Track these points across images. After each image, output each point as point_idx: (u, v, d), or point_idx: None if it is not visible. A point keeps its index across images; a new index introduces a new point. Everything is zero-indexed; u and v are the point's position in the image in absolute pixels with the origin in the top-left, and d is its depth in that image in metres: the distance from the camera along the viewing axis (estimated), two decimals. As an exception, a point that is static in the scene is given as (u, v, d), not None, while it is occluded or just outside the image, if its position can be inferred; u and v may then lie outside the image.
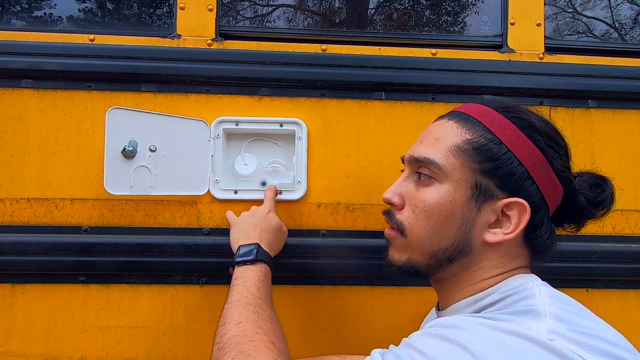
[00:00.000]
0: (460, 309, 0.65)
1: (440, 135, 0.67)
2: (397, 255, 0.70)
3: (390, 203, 0.70)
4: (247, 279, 0.80)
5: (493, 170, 0.62)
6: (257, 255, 0.85)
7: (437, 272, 0.67)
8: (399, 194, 0.69)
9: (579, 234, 1.05)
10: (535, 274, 0.66)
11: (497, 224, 0.63)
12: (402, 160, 0.73)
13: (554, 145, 0.64)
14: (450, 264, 0.66)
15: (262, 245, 0.87)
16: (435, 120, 0.72)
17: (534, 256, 0.67)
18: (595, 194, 0.67)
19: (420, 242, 0.66)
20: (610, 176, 0.70)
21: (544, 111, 1.08)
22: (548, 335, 0.50)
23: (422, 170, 0.67)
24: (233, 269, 0.85)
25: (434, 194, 0.65)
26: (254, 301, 0.75)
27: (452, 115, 0.69)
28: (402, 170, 0.73)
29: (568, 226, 0.72)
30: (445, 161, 0.64)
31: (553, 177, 0.64)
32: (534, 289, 0.59)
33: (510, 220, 0.62)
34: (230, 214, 0.98)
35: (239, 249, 0.87)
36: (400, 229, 0.68)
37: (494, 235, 0.63)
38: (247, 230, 0.90)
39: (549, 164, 0.63)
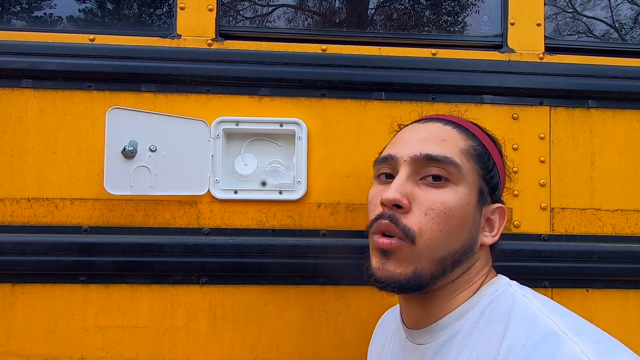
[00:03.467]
0: (444, 327, 0.64)
1: (445, 137, 0.66)
2: (399, 269, 0.62)
3: (396, 205, 0.62)
4: None
5: (490, 178, 0.67)
6: None
7: (436, 282, 0.63)
8: (406, 196, 0.62)
9: (579, 233, 1.07)
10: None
11: (483, 227, 0.68)
12: (387, 160, 0.68)
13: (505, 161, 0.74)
14: (452, 270, 0.64)
15: None
16: (420, 122, 0.71)
17: (492, 253, 0.72)
18: None
19: (432, 247, 0.61)
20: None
21: (544, 111, 1.09)
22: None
23: (433, 171, 0.63)
24: None
25: (453, 196, 0.62)
26: None
27: (443, 121, 0.69)
28: (382, 174, 0.69)
29: None
30: (462, 163, 0.64)
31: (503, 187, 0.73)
32: (517, 296, 0.62)
33: (493, 224, 0.68)
34: None
35: None
36: (408, 236, 0.61)
37: (486, 238, 0.67)
38: None
39: (505, 176, 0.73)
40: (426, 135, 0.67)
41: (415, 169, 0.64)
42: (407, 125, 0.74)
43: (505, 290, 0.64)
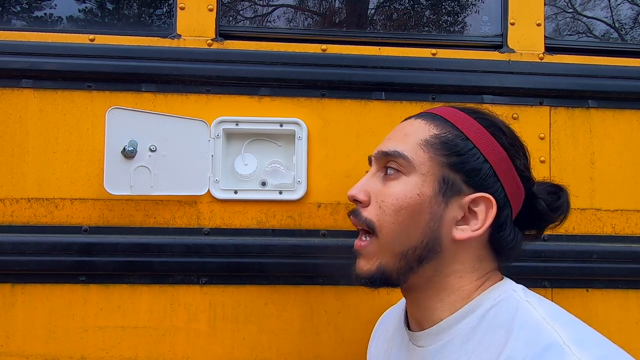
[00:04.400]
0: (443, 330, 0.63)
1: (408, 131, 0.67)
2: (367, 266, 0.67)
3: (355, 200, 0.68)
4: None
5: (460, 165, 0.63)
6: None
7: (408, 277, 0.64)
8: (365, 191, 0.67)
9: (579, 233, 1.07)
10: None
11: (464, 220, 0.63)
12: (369, 160, 0.72)
13: (515, 145, 0.67)
14: (421, 266, 0.63)
15: None
16: (403, 121, 0.72)
17: (499, 258, 0.67)
18: (552, 199, 0.70)
19: (390, 240, 0.64)
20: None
21: (544, 111, 1.09)
22: None
23: (390, 165, 0.66)
24: None
25: (402, 187, 0.63)
26: None
27: (420, 115, 0.70)
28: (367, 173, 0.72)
29: (528, 232, 0.72)
30: (414, 154, 0.64)
31: (515, 176, 0.66)
32: (521, 302, 0.60)
33: (477, 217, 0.63)
34: None
35: None
36: (370, 227, 0.65)
37: (462, 232, 0.63)
38: None
39: (511, 162, 0.65)
40: (395, 132, 0.70)
41: (380, 166, 0.68)
42: None
43: (508, 295, 0.62)
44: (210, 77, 1.04)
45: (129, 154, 0.96)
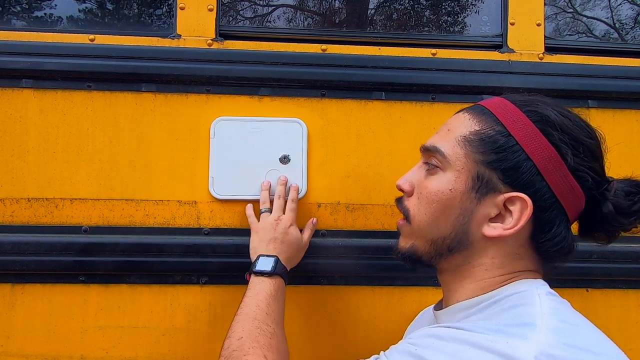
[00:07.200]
0: (460, 310, 0.64)
1: (452, 127, 0.68)
2: (402, 243, 0.72)
3: (401, 189, 0.72)
4: (259, 292, 0.83)
5: (496, 162, 0.62)
6: (275, 269, 0.87)
7: (438, 261, 0.69)
8: (410, 182, 0.71)
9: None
10: (546, 280, 0.65)
11: (498, 218, 0.62)
12: (421, 150, 0.75)
13: (570, 142, 0.61)
14: (451, 254, 0.66)
15: (281, 259, 0.89)
16: (455, 113, 0.72)
17: (544, 260, 0.65)
18: (629, 203, 0.63)
19: (421, 228, 0.68)
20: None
21: (544, 111, 1.09)
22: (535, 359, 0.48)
23: (431, 159, 0.68)
24: (249, 275, 0.88)
25: (436, 182, 0.66)
26: (260, 316, 0.79)
27: (470, 108, 0.70)
28: None
29: (598, 236, 0.67)
30: (451, 150, 0.66)
31: (567, 175, 0.60)
32: (534, 297, 0.58)
33: (513, 216, 0.61)
34: (251, 216, 0.98)
35: (258, 258, 0.89)
36: (405, 215, 0.71)
37: (493, 229, 0.62)
38: (268, 242, 0.91)
39: (562, 161, 0.60)
40: (442, 126, 0.71)
41: (425, 158, 0.71)
42: None
43: (528, 292, 0.60)
44: (210, 77, 1.04)
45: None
